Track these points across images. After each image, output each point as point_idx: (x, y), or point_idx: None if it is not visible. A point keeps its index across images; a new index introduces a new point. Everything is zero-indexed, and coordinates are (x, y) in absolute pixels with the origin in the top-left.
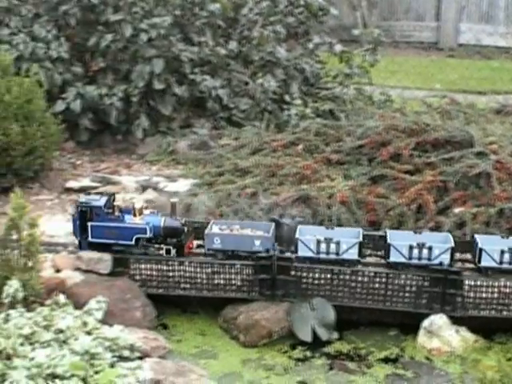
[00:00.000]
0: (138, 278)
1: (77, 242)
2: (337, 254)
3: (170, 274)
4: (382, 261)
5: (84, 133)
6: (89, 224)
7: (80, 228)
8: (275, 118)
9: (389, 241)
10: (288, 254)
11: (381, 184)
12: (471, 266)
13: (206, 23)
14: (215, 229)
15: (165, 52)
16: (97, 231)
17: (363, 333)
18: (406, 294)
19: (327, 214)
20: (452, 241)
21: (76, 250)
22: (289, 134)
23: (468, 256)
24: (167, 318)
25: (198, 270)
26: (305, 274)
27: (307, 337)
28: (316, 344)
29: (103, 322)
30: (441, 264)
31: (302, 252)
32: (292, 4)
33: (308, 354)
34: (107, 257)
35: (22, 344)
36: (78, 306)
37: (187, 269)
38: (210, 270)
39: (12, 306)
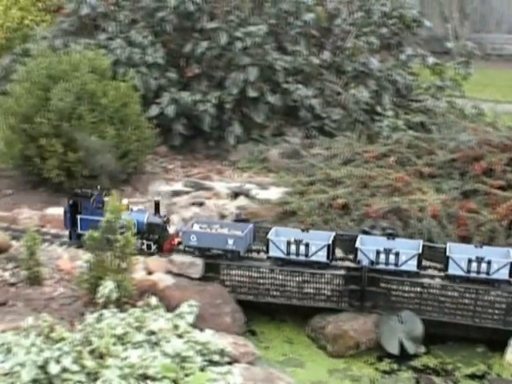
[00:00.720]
0: (228, 283)
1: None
2: (306, 255)
3: (261, 281)
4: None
5: (177, 138)
6: (78, 217)
7: (70, 220)
8: (367, 128)
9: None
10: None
11: (472, 199)
12: None
13: (300, 33)
14: (196, 227)
15: (259, 60)
16: (85, 224)
17: (450, 348)
18: (496, 311)
19: (418, 227)
20: None
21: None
22: (380, 145)
23: None
24: (255, 324)
25: (288, 278)
26: (394, 287)
27: (395, 349)
28: (403, 357)
29: (194, 325)
30: None
31: (273, 252)
32: (386, 15)
33: (395, 366)
34: (199, 261)
35: (114, 344)
36: (169, 308)
37: (277, 276)
38: (300, 279)
39: (105, 305)
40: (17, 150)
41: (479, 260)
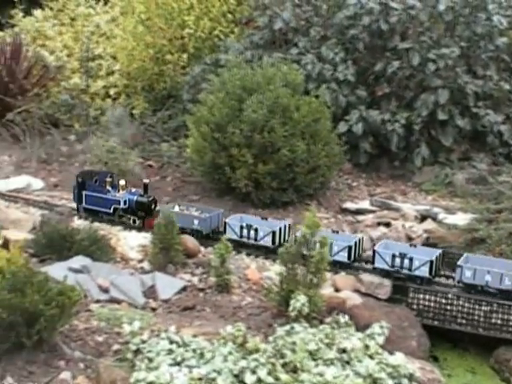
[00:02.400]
0: (415, 307)
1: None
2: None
3: (448, 307)
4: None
5: (363, 156)
6: (83, 193)
7: (78, 196)
8: None
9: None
10: None
11: None
12: None
13: (491, 57)
14: (176, 208)
15: (450, 83)
16: (89, 199)
17: None
18: None
19: None
20: None
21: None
22: None
23: None
24: (438, 350)
25: (476, 306)
26: None
27: None
28: None
29: (382, 347)
30: None
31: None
32: None
33: None
34: (387, 282)
35: (306, 359)
36: (357, 327)
37: (465, 304)
38: (487, 309)
39: (296, 319)
40: (207, 158)
41: (402, 256)
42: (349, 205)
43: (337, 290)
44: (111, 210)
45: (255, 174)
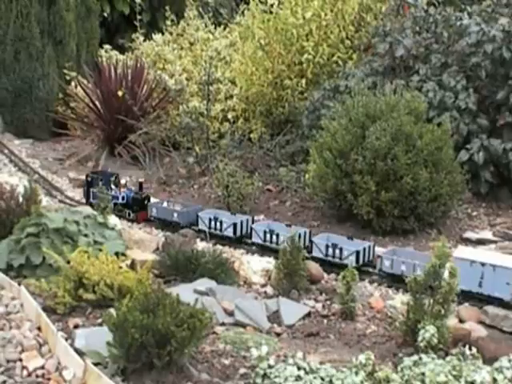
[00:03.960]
0: None
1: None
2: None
3: None
4: None
5: (483, 185)
6: (91, 190)
7: (87, 192)
8: None
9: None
10: None
11: None
12: None
13: None
14: (165, 204)
15: None
16: (95, 195)
17: None
18: None
19: None
20: None
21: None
22: None
23: None
24: None
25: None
26: None
27: None
28: None
29: (510, 381)
30: None
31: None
32: None
33: None
34: None
35: None
36: (483, 360)
37: None
38: None
39: (424, 350)
40: (329, 185)
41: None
42: (470, 234)
43: (461, 321)
44: (111, 205)
45: (377, 201)
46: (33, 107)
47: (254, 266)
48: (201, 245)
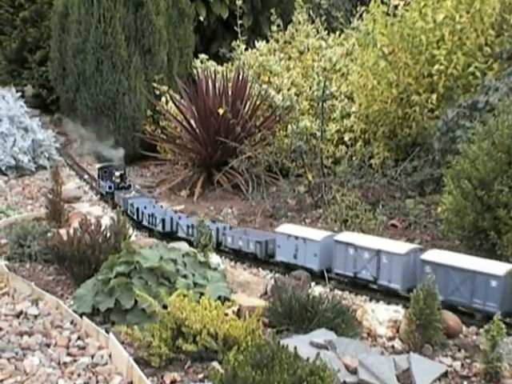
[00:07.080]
0: None
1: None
2: None
3: None
4: None
5: None
6: (100, 181)
7: (98, 184)
8: None
9: None
10: None
11: None
12: None
13: None
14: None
15: None
16: (102, 187)
17: None
18: None
19: None
20: None
21: None
22: None
23: None
24: None
25: None
26: None
27: None
28: None
29: None
30: None
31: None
32: None
33: None
34: None
35: None
36: None
37: None
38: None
39: None
40: (468, 220)
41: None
42: None
43: None
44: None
45: None
46: (117, 126)
47: (380, 316)
48: (316, 289)
